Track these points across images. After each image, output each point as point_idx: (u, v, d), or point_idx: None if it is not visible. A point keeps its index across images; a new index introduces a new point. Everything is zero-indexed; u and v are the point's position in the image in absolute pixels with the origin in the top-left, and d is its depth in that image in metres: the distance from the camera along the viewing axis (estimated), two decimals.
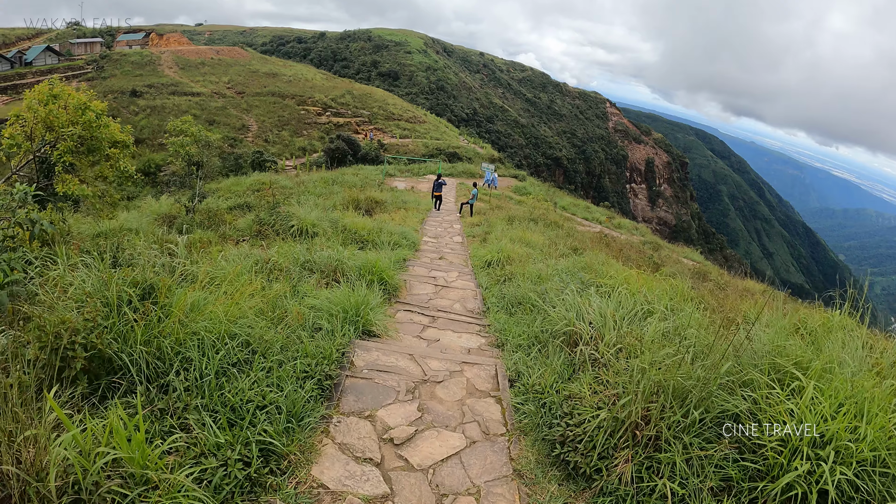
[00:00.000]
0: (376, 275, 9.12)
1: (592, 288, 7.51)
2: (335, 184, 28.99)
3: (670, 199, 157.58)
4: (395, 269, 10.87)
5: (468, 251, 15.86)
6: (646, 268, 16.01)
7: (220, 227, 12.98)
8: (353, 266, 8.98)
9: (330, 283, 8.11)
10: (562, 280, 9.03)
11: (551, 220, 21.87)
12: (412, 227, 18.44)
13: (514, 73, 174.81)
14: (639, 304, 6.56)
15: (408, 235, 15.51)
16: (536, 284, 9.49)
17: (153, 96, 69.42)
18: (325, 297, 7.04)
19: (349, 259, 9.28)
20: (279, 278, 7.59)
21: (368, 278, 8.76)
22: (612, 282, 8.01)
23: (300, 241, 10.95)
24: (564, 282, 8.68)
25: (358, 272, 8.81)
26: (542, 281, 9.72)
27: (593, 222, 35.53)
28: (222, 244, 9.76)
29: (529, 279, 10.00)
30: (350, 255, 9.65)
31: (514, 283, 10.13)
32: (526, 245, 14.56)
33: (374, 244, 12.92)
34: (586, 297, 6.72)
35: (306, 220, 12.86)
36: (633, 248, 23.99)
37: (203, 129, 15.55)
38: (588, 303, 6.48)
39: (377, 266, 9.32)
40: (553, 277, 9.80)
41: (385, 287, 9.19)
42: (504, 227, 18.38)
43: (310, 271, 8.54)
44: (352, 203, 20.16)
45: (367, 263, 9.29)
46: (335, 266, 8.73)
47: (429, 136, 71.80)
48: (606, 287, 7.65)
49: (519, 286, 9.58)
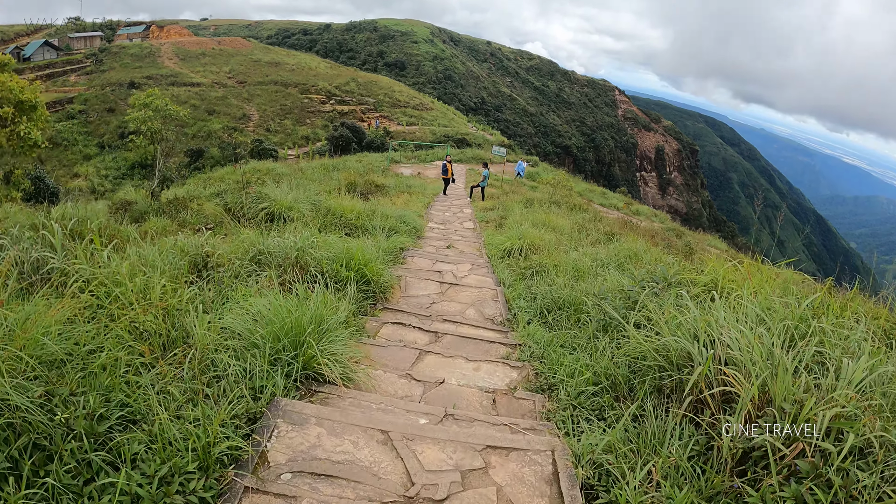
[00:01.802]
0: (355, 270, 6.94)
1: (680, 290, 5.37)
2: (336, 170, 27.07)
3: (681, 187, 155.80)
4: (386, 262, 8.82)
5: (482, 238, 13.87)
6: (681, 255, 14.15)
7: (180, 213, 10.93)
8: (324, 258, 6.78)
9: (287, 283, 5.95)
10: (608, 272, 7.22)
11: (574, 203, 19.54)
12: (416, 211, 16.56)
13: (521, 61, 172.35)
14: (782, 320, 4.11)
15: (408, 220, 13.47)
16: (576, 279, 7.56)
17: (151, 88, 67.63)
18: (254, 312, 4.69)
19: (320, 248, 7.07)
20: (211, 279, 5.64)
21: (343, 275, 6.73)
22: (706, 279, 5.75)
23: (271, 228, 8.93)
24: (615, 277, 6.77)
25: (330, 266, 6.70)
26: (583, 275, 7.79)
27: (611, 208, 33.71)
28: (175, 233, 7.99)
29: (564, 272, 8.04)
30: (323, 242, 7.41)
31: (546, 277, 8.13)
32: (551, 230, 12.54)
33: (365, 230, 10.87)
34: (703, 310, 4.37)
35: (280, 201, 10.61)
36: (659, 235, 22.15)
37: (170, 102, 13.28)
38: (712, 321, 3.95)
39: (357, 257, 7.09)
40: (596, 270, 7.92)
41: (369, 289, 7.10)
42: (522, 211, 16.33)
43: (260, 266, 6.41)
44: (348, 187, 18.07)
45: (343, 254, 7.09)
46: (294, 258, 6.51)
47: (436, 124, 69.84)
48: (701, 287, 5.55)
49: (553, 282, 7.57)
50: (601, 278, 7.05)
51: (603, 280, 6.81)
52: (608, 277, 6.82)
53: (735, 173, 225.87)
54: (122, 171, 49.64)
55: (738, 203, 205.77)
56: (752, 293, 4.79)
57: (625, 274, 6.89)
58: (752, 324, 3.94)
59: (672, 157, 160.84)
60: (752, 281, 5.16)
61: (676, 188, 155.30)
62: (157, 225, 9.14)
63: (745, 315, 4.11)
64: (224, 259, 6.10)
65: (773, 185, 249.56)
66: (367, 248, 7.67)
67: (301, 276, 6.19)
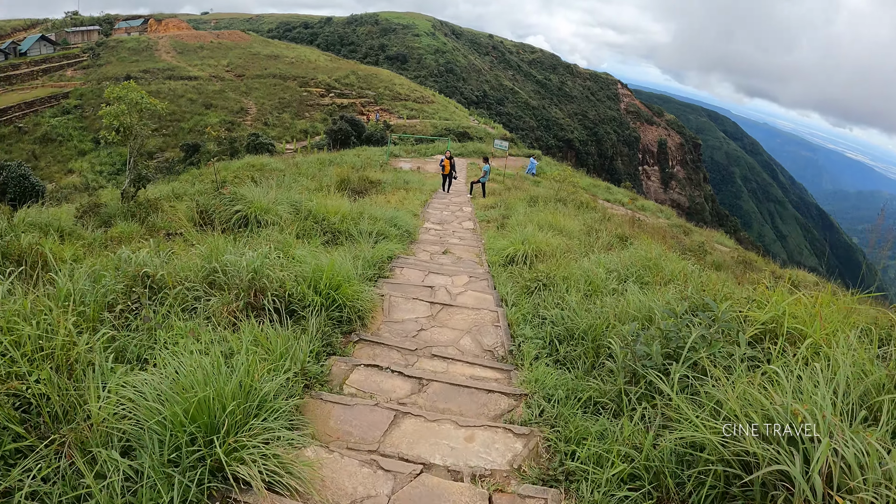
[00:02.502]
0: (324, 294, 5.83)
1: (728, 326, 4.29)
2: (332, 165, 26.08)
3: (683, 182, 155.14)
4: (368, 278, 7.75)
5: (482, 241, 12.75)
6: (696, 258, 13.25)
7: (150, 216, 9.93)
8: (288, 278, 5.68)
9: (241, 313, 4.92)
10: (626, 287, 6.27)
11: (581, 200, 18.28)
12: (411, 210, 15.51)
13: (523, 54, 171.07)
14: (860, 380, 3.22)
15: (400, 222, 12.27)
16: (590, 295, 6.59)
17: (148, 82, 66.91)
18: (170, 373, 3.49)
19: (286, 264, 5.99)
20: (139, 313, 4.62)
21: (311, 300, 5.63)
22: (764, 316, 4.50)
23: (243, 235, 7.93)
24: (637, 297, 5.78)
25: (295, 289, 5.61)
26: (597, 290, 6.81)
27: (616, 204, 32.82)
28: (144, 239, 7.13)
29: (575, 285, 7.01)
30: (289, 257, 6.30)
31: (554, 292, 7.07)
32: (558, 232, 11.41)
33: (349, 236, 9.80)
34: (783, 376, 3.26)
35: (256, 204, 9.53)
36: (668, 233, 21.27)
37: (147, 95, 12.16)
38: (812, 414, 2.82)
39: (328, 277, 5.94)
40: (612, 284, 6.96)
41: (342, 315, 5.97)
42: (526, 210, 15.19)
43: (214, 289, 5.31)
44: (340, 183, 16.97)
45: (312, 273, 5.95)
46: (250, 282, 5.29)
47: (437, 117, 68.73)
48: (758, 327, 4.43)
49: (563, 301, 6.54)
50: (620, 297, 6.10)
51: (624, 301, 5.82)
52: (629, 298, 5.82)
53: (738, 167, 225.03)
54: (118, 167, 48.74)
55: (741, 197, 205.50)
56: (825, 336, 3.86)
57: (646, 291, 5.96)
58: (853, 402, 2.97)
59: (675, 151, 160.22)
60: (823, 320, 4.16)
61: (679, 182, 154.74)
62: (123, 230, 8.22)
63: (840, 383, 3.12)
64: (170, 281, 5.10)
65: (776, 179, 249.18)
66: (342, 264, 6.52)
67: (257, 302, 5.17)
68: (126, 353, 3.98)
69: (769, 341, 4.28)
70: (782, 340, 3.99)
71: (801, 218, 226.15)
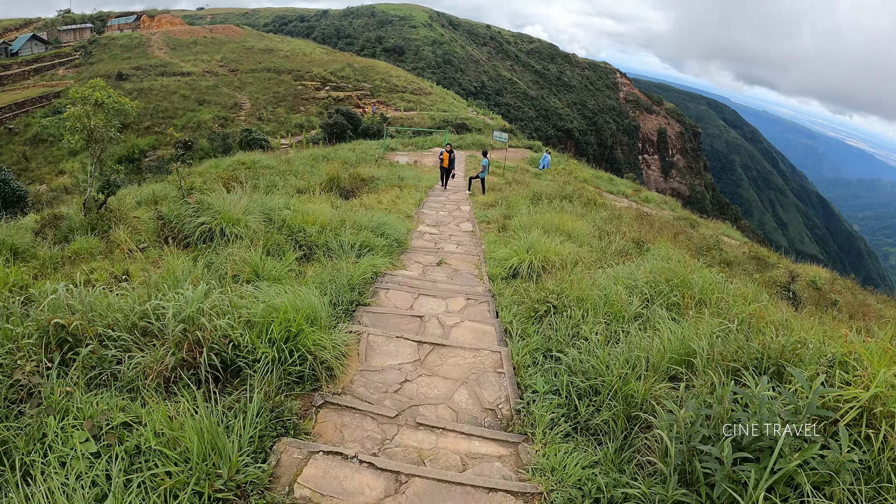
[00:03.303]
0: (278, 345, 4.68)
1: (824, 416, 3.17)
2: (326, 160, 25.07)
3: (683, 170, 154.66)
4: (344, 308, 6.60)
5: (482, 246, 11.57)
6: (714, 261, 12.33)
7: (112, 230, 8.81)
8: (235, 324, 4.58)
9: (174, 374, 3.94)
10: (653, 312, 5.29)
11: (588, 197, 16.96)
12: (404, 211, 14.31)
13: (521, 45, 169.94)
14: None
15: (389, 229, 10.92)
16: (611, 324, 5.60)
17: (140, 79, 66.05)
18: None
19: (235, 305, 4.84)
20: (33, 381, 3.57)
21: (261, 353, 4.53)
22: (865, 395, 3.27)
23: (207, 250, 6.93)
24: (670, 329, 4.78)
25: (243, 338, 4.53)
26: (619, 315, 5.78)
27: (619, 195, 31.92)
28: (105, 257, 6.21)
29: (593, 310, 5.97)
30: (238, 295, 5.09)
31: (568, 319, 5.99)
32: (566, 236, 10.22)
33: (328, 250, 8.61)
34: None
35: (224, 214, 8.30)
36: (674, 228, 20.34)
37: (115, 94, 10.97)
38: None
39: (283, 321, 4.78)
40: (636, 306, 5.92)
41: (303, 372, 4.83)
42: (529, 209, 13.86)
43: (147, 338, 4.30)
44: (329, 182, 15.81)
45: (264, 316, 4.81)
46: (183, 333, 4.21)
47: (435, 108, 67.64)
48: (856, 410, 3.28)
49: (578, 331, 5.53)
50: (650, 330, 5.09)
51: (657, 341, 4.78)
52: (663, 335, 4.80)
53: (738, 156, 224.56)
54: (110, 165, 47.74)
55: (741, 185, 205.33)
56: None
57: (678, 317, 4.98)
58: None
59: (674, 140, 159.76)
60: None
61: (679, 171, 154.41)
62: (82, 247, 7.22)
63: None
64: (89, 331, 4.07)
65: (776, 167, 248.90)
66: (306, 299, 5.36)
67: (193, 358, 4.09)
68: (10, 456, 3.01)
69: (864, 424, 3.22)
70: (885, 427, 3.00)
71: (801, 206, 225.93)
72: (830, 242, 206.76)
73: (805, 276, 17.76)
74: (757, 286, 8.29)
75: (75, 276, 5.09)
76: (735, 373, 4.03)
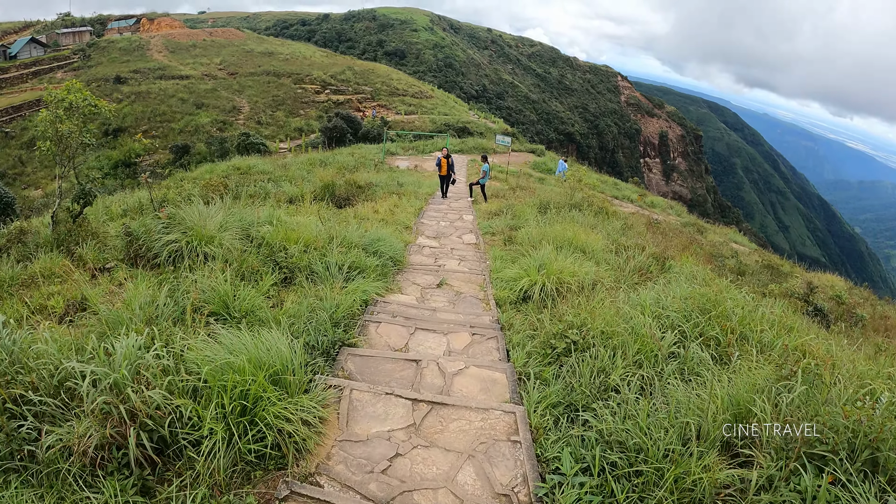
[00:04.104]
0: (233, 420, 3.77)
1: None
2: (323, 166, 24.32)
3: (685, 173, 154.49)
4: (323, 351, 5.66)
5: (487, 262, 10.51)
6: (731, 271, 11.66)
7: (80, 246, 7.98)
8: (182, 390, 3.78)
9: (98, 454, 3.16)
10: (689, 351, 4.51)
11: (598, 205, 15.90)
12: (403, 221, 13.36)
13: (522, 48, 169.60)
14: None
15: (383, 246, 9.74)
16: (641, 365, 4.79)
17: (138, 82, 65.42)
18: None
19: (180, 363, 3.98)
20: None
21: (209, 431, 3.62)
22: None
23: (175, 273, 6.11)
24: (717, 381, 4.05)
25: (188, 408, 3.66)
26: (650, 354, 4.95)
27: (625, 201, 31.27)
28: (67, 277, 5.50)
29: (621, 349, 5.07)
30: (187, 344, 4.21)
31: (593, 362, 5.05)
32: (580, 252, 9.24)
33: (312, 272, 7.59)
34: None
35: (197, 230, 7.39)
36: (683, 235, 19.68)
37: (92, 97, 10.17)
38: None
39: (244, 383, 3.91)
40: (668, 341, 5.04)
41: (264, 450, 3.91)
42: (537, 220, 12.81)
43: (73, 403, 3.49)
44: (324, 190, 14.90)
45: (216, 377, 3.90)
46: (99, 408, 3.36)
47: (436, 112, 66.94)
48: None
49: (607, 380, 4.71)
50: (695, 378, 4.31)
51: (706, 398, 3.93)
52: (708, 382, 4.04)
53: (739, 158, 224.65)
54: (105, 171, 47.12)
55: (743, 188, 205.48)
56: None
57: (719, 359, 4.23)
58: None
59: (676, 143, 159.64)
60: None
61: (680, 174, 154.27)
62: (45, 266, 6.46)
63: None
64: (2, 393, 3.31)
65: (777, 170, 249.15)
66: (272, 350, 4.43)
67: (124, 436, 3.26)
68: None
69: None
70: None
71: (802, 208, 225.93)
72: (832, 245, 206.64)
73: (822, 286, 17.07)
74: (786, 306, 7.62)
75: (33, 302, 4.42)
76: (811, 454, 3.21)
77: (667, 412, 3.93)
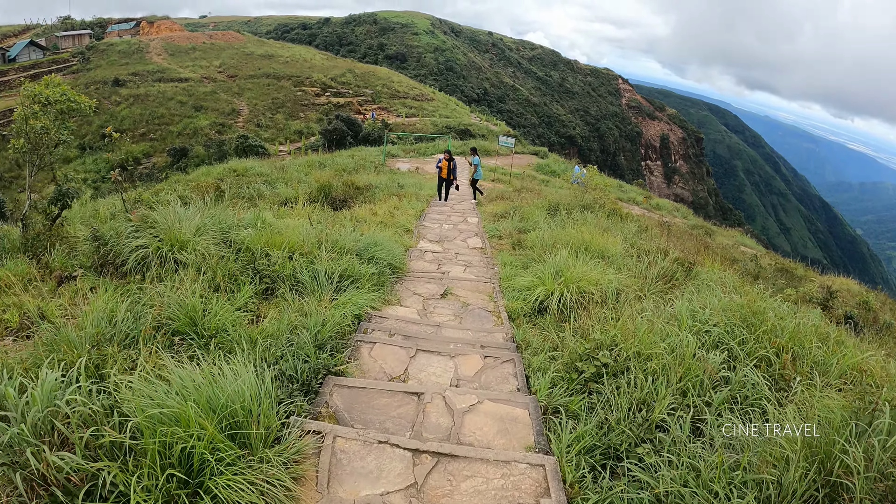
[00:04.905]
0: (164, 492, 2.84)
1: None
2: (322, 168, 23.74)
3: (686, 176, 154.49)
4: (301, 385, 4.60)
5: (495, 268, 9.61)
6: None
7: (48, 252, 7.27)
8: (102, 449, 2.85)
9: None
10: (738, 374, 3.89)
11: (610, 207, 14.99)
12: (403, 224, 12.58)
13: (523, 51, 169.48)
14: None
15: (381, 251, 8.71)
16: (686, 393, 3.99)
17: (137, 85, 64.86)
18: None
19: (106, 411, 3.05)
20: None
21: None
22: None
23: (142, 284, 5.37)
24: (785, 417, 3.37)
25: (128, 467, 2.81)
26: (694, 379, 4.13)
27: (630, 203, 30.69)
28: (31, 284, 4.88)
29: (664, 377, 4.19)
30: (123, 382, 3.27)
31: (630, 391, 4.17)
32: (598, 258, 8.37)
33: (297, 283, 6.69)
34: None
35: (171, 234, 6.64)
36: (694, 237, 19.05)
37: (71, 92, 9.52)
38: None
39: (185, 440, 2.98)
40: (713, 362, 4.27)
41: None
42: (548, 222, 11.99)
43: None
44: (320, 191, 14.18)
45: (159, 431, 2.94)
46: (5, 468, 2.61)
47: (438, 114, 66.41)
48: None
49: (651, 416, 3.85)
50: (748, 406, 3.63)
51: (780, 439, 3.11)
52: (779, 421, 3.28)
53: (740, 161, 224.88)
54: (103, 174, 46.53)
55: (744, 191, 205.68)
56: None
57: (774, 383, 3.57)
58: None
59: (677, 146, 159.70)
60: None
61: (682, 176, 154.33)
62: (12, 272, 5.78)
63: None
64: None
65: (779, 172, 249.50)
66: (233, 387, 3.52)
67: None
68: None
69: None
70: None
71: (804, 210, 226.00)
72: (833, 247, 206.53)
73: (840, 291, 16.44)
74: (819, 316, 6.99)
75: None
76: None
77: (736, 462, 3.11)
